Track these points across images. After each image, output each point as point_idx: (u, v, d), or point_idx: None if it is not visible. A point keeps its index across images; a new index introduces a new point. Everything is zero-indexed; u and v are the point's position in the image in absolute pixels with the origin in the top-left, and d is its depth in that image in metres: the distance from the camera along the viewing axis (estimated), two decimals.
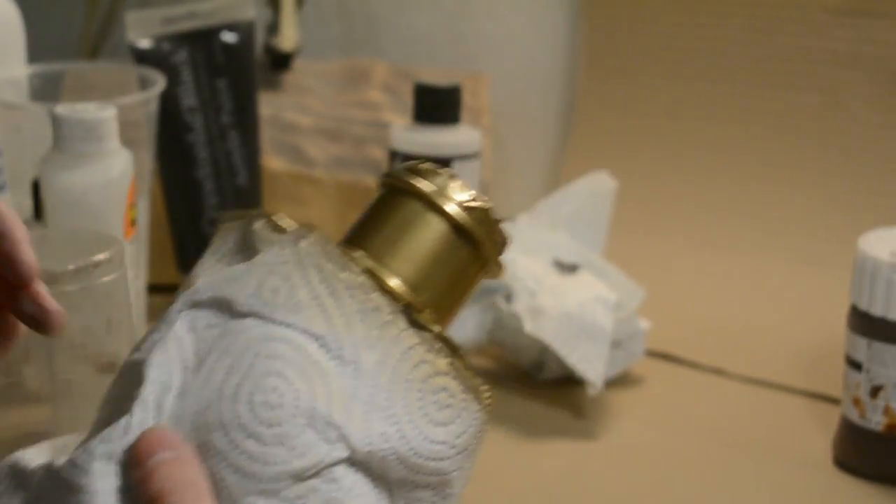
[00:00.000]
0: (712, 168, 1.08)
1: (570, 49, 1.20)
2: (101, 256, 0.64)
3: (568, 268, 0.94)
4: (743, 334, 1.00)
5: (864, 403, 0.81)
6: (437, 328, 0.48)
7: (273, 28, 1.14)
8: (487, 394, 0.49)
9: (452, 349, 0.49)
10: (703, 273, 1.06)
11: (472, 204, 0.51)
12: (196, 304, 0.48)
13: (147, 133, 0.92)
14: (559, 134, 1.20)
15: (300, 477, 0.45)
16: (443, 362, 0.48)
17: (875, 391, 0.80)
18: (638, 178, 1.09)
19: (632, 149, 1.13)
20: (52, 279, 0.63)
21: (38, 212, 0.87)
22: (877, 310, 0.79)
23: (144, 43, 1.00)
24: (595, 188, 0.97)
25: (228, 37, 1.03)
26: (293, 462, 0.45)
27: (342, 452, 0.46)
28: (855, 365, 0.81)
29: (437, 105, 0.98)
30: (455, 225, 0.50)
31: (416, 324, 0.48)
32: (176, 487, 0.44)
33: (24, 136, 0.93)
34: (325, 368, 0.46)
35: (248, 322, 0.47)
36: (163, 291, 1.07)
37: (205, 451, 0.45)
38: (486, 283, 0.92)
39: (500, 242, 0.52)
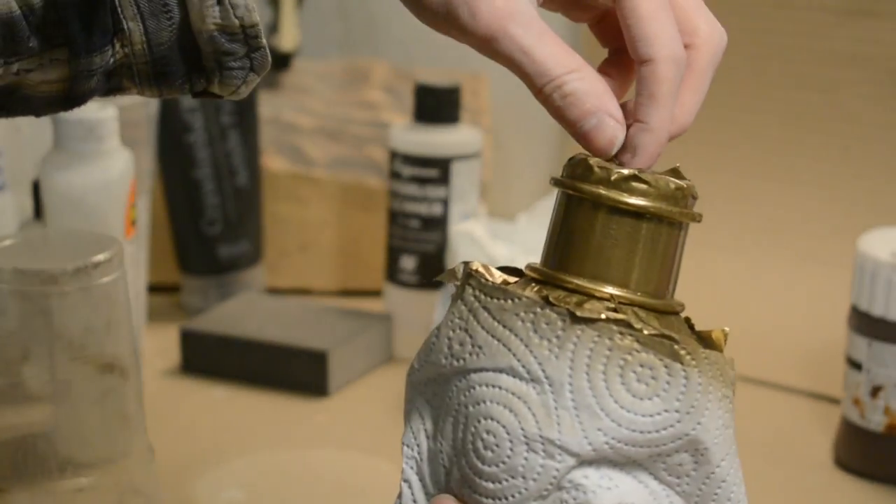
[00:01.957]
0: (712, 168, 1.07)
1: None
2: (101, 256, 0.64)
3: None
4: (743, 334, 1.00)
5: (864, 403, 0.81)
6: (609, 314, 0.49)
7: (273, 28, 1.14)
8: (685, 350, 0.50)
9: (642, 320, 0.50)
10: (703, 273, 1.06)
11: (639, 183, 0.51)
12: (415, 382, 0.53)
13: (147, 133, 0.92)
14: (559, 134, 1.20)
15: (543, 496, 0.49)
16: (627, 342, 0.49)
17: (875, 391, 0.80)
18: None
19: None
20: (52, 279, 0.63)
21: (38, 212, 0.87)
22: (877, 310, 0.79)
23: None
24: None
25: None
26: (530, 486, 0.49)
27: (569, 461, 0.49)
28: (855, 365, 0.81)
29: (437, 105, 0.98)
30: (635, 213, 0.51)
31: (586, 320, 0.49)
32: None
33: (24, 136, 0.93)
34: (523, 393, 0.49)
35: (454, 380, 0.51)
36: (163, 291, 1.07)
37: None
38: None
39: (682, 197, 0.52)
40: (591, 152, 0.52)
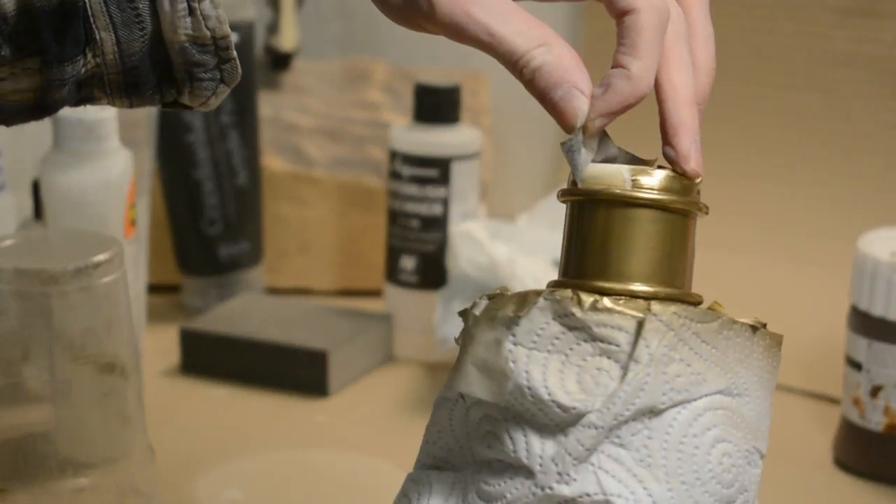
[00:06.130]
0: (712, 168, 1.07)
1: None
2: (101, 257, 0.64)
3: None
4: None
5: (864, 403, 0.81)
6: (757, 323, 0.53)
7: (273, 28, 1.14)
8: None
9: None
10: (703, 273, 1.06)
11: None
12: (597, 435, 0.50)
13: (147, 133, 0.92)
14: (559, 134, 1.20)
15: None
16: (775, 348, 0.54)
17: (875, 391, 0.80)
18: None
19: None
20: (52, 279, 0.63)
21: (38, 212, 0.87)
22: (877, 310, 0.79)
23: None
24: None
25: None
26: (749, 499, 0.52)
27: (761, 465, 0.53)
28: (855, 365, 0.81)
29: (437, 105, 0.98)
30: (661, 208, 0.52)
31: (758, 333, 0.53)
32: None
33: (24, 136, 0.92)
34: (735, 409, 0.51)
35: (670, 415, 0.50)
36: (163, 291, 1.07)
37: None
38: (485, 283, 0.92)
39: (697, 191, 0.53)
40: (559, 125, 0.52)
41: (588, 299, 0.50)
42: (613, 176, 0.52)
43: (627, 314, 0.50)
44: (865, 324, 0.80)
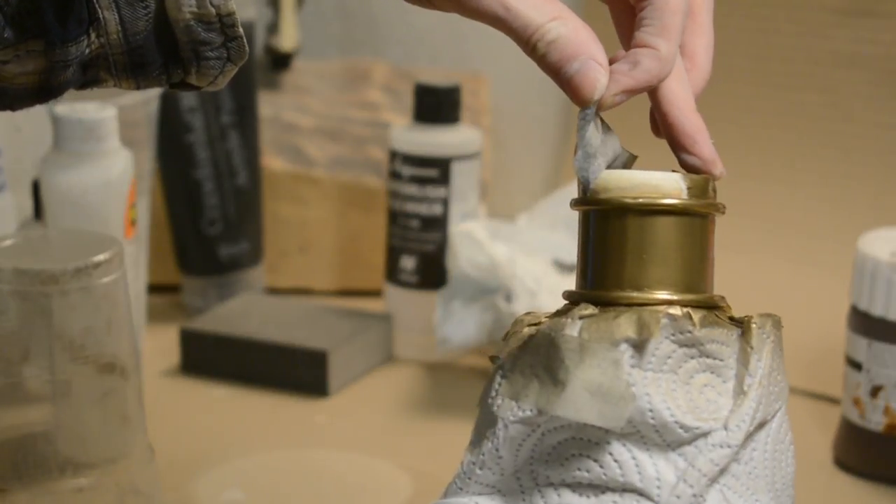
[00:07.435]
0: None
1: None
2: (101, 257, 0.64)
3: (568, 268, 0.94)
4: None
5: (864, 403, 0.81)
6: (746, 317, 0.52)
7: (273, 28, 1.14)
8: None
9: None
10: None
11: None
12: (747, 433, 0.51)
13: (147, 133, 0.92)
14: (559, 134, 1.20)
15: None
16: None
17: (875, 391, 0.80)
18: None
19: (632, 149, 1.12)
20: (52, 279, 0.63)
21: (38, 212, 0.87)
22: (877, 310, 0.79)
23: None
24: None
25: None
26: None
27: None
28: (855, 365, 0.81)
29: (437, 105, 0.98)
30: (685, 212, 0.51)
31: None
32: None
33: (24, 136, 0.93)
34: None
35: (770, 425, 0.52)
36: (163, 291, 1.07)
37: None
38: (485, 283, 0.92)
39: (713, 190, 0.52)
40: (574, 101, 0.51)
41: (697, 315, 0.49)
42: (667, 183, 0.51)
43: (731, 328, 0.50)
44: (865, 324, 0.80)
